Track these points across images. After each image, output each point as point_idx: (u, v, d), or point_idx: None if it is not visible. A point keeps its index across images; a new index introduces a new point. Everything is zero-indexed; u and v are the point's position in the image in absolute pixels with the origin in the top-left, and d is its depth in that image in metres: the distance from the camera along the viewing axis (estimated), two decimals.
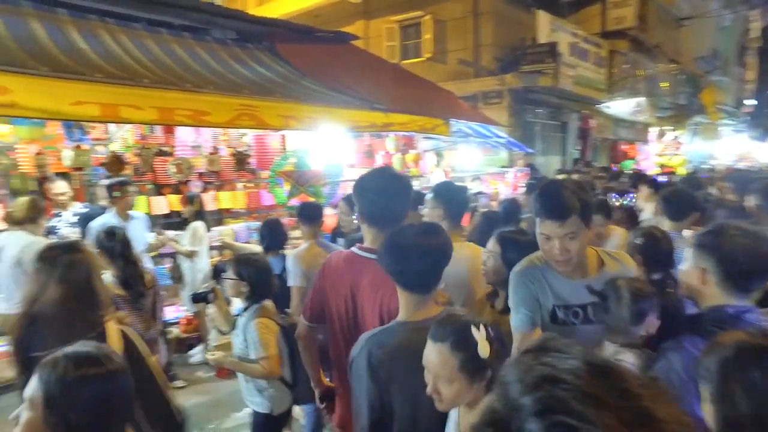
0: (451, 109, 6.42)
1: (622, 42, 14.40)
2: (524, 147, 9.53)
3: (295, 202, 5.38)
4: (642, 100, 14.96)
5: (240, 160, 5.34)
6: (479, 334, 1.31)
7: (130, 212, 4.33)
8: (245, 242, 5.83)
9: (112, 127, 5.50)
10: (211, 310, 4.97)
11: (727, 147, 22.84)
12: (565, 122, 14.48)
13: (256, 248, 4.44)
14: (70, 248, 1.93)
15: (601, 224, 3.38)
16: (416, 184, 6.85)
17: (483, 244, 2.31)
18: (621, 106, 14.83)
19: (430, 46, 12.98)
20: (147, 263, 4.34)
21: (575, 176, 7.89)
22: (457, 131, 7.44)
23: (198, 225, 4.53)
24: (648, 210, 4.50)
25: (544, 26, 11.41)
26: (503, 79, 11.82)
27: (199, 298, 2.88)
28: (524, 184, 7.14)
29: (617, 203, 4.05)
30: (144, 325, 2.88)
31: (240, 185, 5.95)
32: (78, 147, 4.02)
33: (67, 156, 4.00)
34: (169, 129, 5.00)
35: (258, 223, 4.92)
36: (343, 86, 5.89)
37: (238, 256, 2.79)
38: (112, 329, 1.83)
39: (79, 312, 1.79)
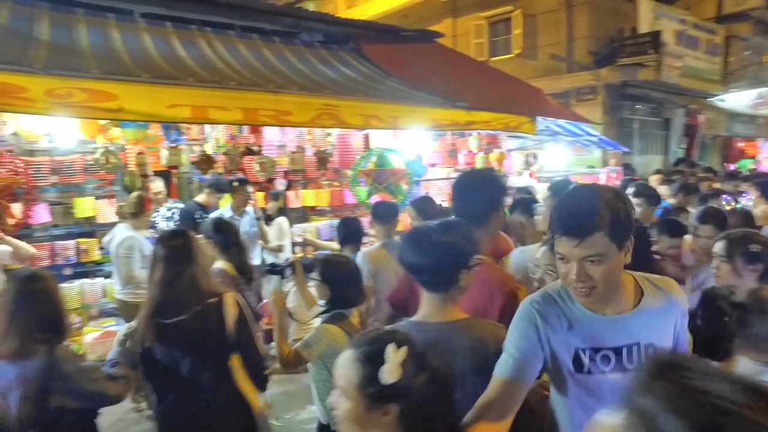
0: (537, 106, 6.04)
1: (742, 25, 12.68)
2: (618, 145, 8.76)
3: (375, 200, 5.37)
4: (766, 90, 13.13)
5: (322, 159, 5.41)
6: (394, 356, 1.09)
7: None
8: (327, 240, 5.92)
9: (207, 128, 5.85)
10: (291, 304, 5.09)
11: None
12: (667, 119, 13.15)
13: (337, 246, 4.47)
14: (188, 235, 2.30)
15: (712, 236, 2.81)
16: None
17: None
18: (739, 99, 13.15)
19: (519, 41, 12.43)
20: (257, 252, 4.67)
21: (675, 177, 7.06)
22: (544, 129, 7.00)
23: (282, 220, 4.67)
24: (756, 213, 3.86)
25: (646, 14, 10.42)
26: (598, 74, 11.00)
27: (275, 271, 2.78)
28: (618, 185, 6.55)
29: (728, 206, 3.49)
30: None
31: (324, 184, 6.05)
32: (172, 147, 4.29)
33: (163, 155, 4.30)
34: (255, 129, 5.20)
35: None
36: (427, 85, 5.76)
37: (325, 257, 2.62)
38: (230, 297, 2.24)
39: (206, 284, 2.21)
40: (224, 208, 4.56)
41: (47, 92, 3.26)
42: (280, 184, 5.51)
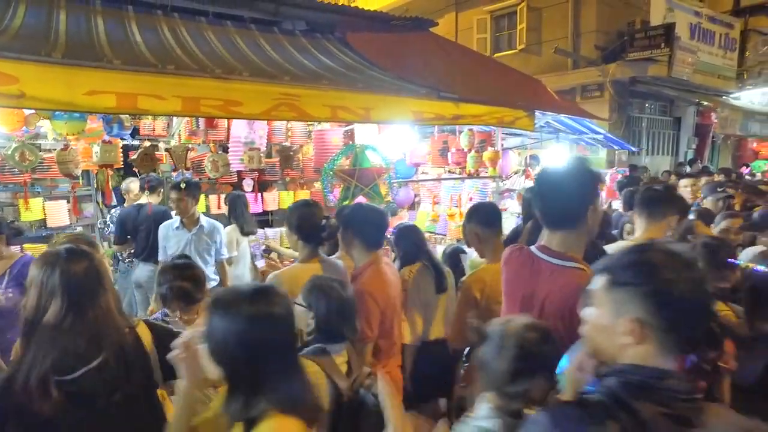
0: (536, 100, 5.22)
1: (762, 18, 11.60)
2: (625, 144, 7.89)
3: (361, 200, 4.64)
4: None
5: (286, 157, 4.64)
6: None
7: (203, 217, 3.94)
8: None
9: (174, 123, 5.14)
10: None
11: None
12: (678, 117, 12.19)
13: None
14: (90, 254, 1.74)
15: None
16: (492, 187, 5.76)
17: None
18: (755, 96, 12.10)
19: (524, 36, 11.56)
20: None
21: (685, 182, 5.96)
22: (544, 125, 6.19)
23: (229, 229, 3.94)
24: None
25: (659, 6, 9.48)
26: (605, 70, 10.11)
27: None
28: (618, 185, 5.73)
29: None
30: None
31: (288, 185, 5.33)
32: (106, 142, 3.58)
33: (95, 152, 3.60)
34: (210, 123, 4.45)
35: None
36: (413, 75, 4.98)
37: (315, 280, 2.12)
38: (139, 322, 1.83)
39: (120, 314, 1.75)
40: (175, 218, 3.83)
41: None
42: (247, 185, 4.78)
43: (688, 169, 10.22)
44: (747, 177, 9.61)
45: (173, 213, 3.92)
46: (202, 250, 3.79)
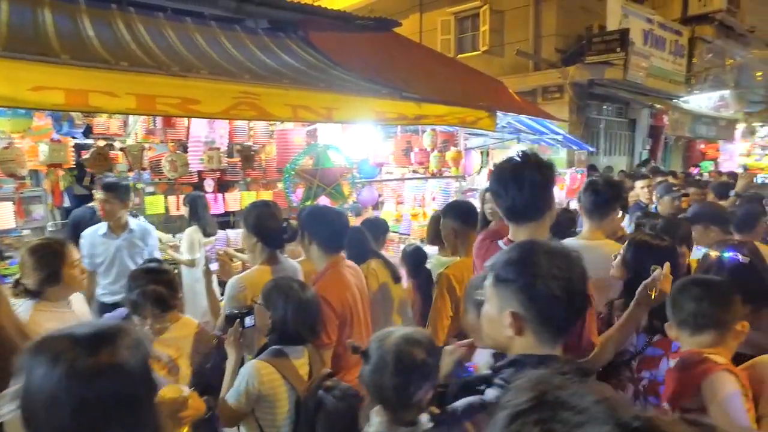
0: (497, 100, 5.34)
1: (707, 27, 12.28)
2: (583, 145, 8.17)
3: (325, 201, 4.61)
4: (728, 92, 12.77)
5: (247, 157, 4.57)
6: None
7: (131, 219, 3.60)
8: None
9: (131, 121, 4.98)
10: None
11: None
12: (633, 119, 12.71)
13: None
14: None
15: None
16: (456, 186, 5.85)
17: None
18: (702, 101, 12.75)
19: (487, 38, 11.77)
20: None
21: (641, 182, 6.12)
22: (506, 125, 6.33)
23: (190, 230, 3.84)
24: None
25: (615, 11, 9.85)
26: (565, 72, 10.42)
27: (232, 318, 2.08)
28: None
29: None
30: None
31: (249, 185, 5.26)
32: (55, 141, 3.42)
33: (42, 151, 3.44)
34: (168, 122, 4.34)
35: None
36: (376, 75, 5.00)
37: (275, 280, 2.10)
38: None
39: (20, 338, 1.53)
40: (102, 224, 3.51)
41: None
42: (208, 186, 4.68)
43: (644, 170, 10.70)
44: (697, 177, 10.13)
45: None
46: (135, 255, 3.48)
